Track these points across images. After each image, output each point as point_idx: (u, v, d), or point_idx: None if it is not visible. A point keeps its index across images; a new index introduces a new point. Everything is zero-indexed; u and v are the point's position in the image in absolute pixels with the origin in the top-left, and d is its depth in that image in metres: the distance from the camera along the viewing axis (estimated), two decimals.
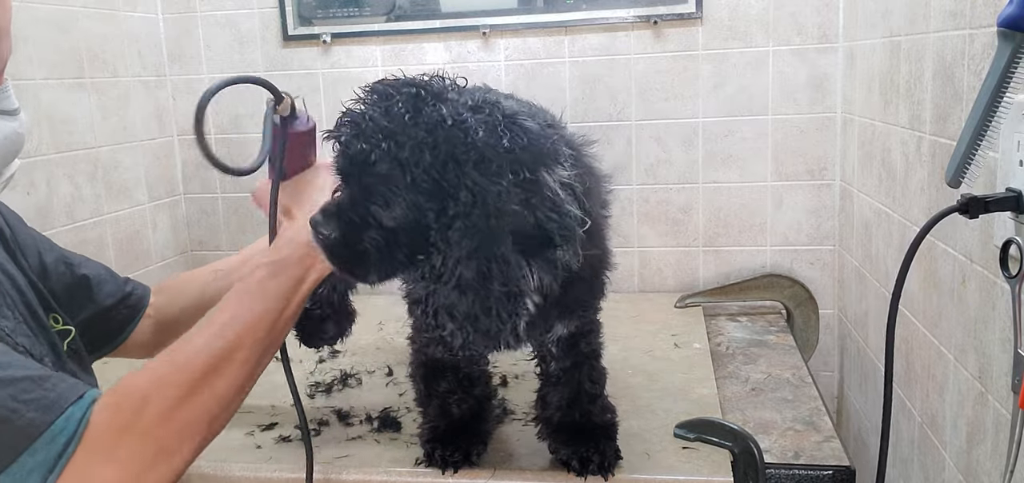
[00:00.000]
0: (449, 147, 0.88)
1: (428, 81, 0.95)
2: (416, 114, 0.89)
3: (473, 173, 0.88)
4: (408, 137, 0.88)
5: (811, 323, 2.03)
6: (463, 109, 0.91)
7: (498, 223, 0.88)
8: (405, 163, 0.88)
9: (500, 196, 0.88)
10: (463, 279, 0.89)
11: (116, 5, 1.98)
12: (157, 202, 2.14)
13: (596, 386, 1.20)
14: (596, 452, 1.15)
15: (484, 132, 0.89)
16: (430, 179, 0.89)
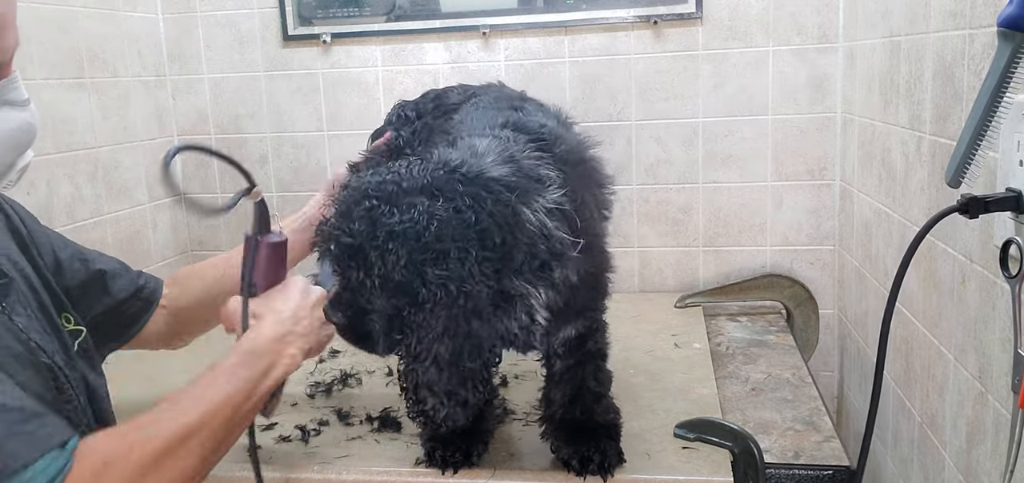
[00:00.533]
0: (405, 252, 0.94)
1: (384, 183, 0.98)
2: (372, 227, 0.94)
3: (430, 270, 0.93)
4: (367, 250, 0.95)
5: (811, 323, 2.03)
6: (419, 198, 0.95)
7: (465, 304, 0.93)
8: (369, 273, 0.96)
9: (463, 280, 0.93)
10: (439, 356, 0.95)
11: (116, 5, 1.98)
12: (157, 202, 2.14)
13: (601, 386, 1.20)
14: (597, 451, 1.15)
15: (439, 222, 0.93)
16: (393, 281, 0.95)
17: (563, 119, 1.27)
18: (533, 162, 1.03)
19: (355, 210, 0.96)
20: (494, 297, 0.95)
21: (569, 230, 1.00)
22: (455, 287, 0.92)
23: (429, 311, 0.93)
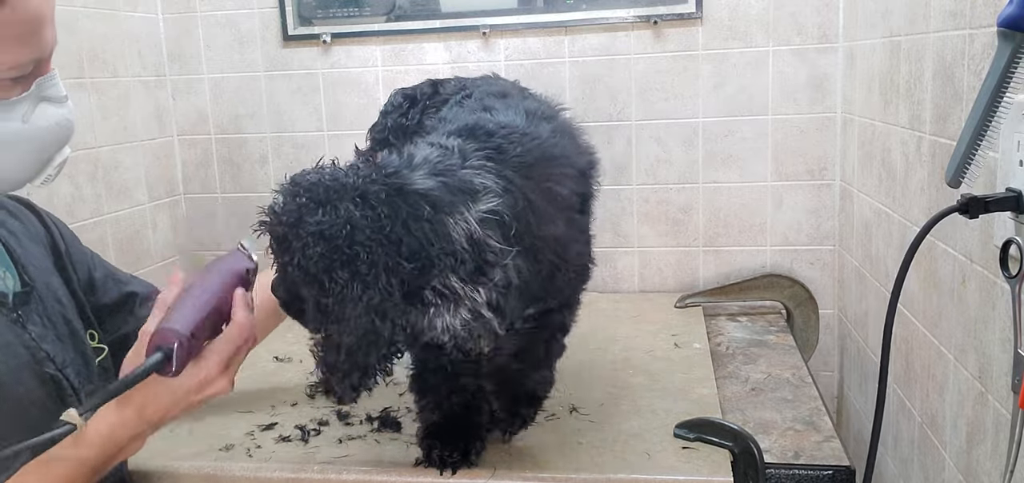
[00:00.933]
0: (318, 251, 1.01)
1: (317, 184, 1.04)
2: (298, 222, 1.02)
3: (338, 271, 1.01)
4: (291, 241, 1.03)
5: (811, 323, 2.03)
6: (344, 203, 1.02)
7: (367, 303, 1.01)
8: (291, 262, 1.03)
9: (367, 283, 1.01)
10: (342, 344, 1.04)
11: (116, 5, 1.98)
12: (157, 202, 2.14)
13: (547, 356, 1.30)
14: (513, 414, 1.27)
15: (353, 227, 1.00)
16: (309, 273, 1.02)
17: (542, 112, 1.28)
18: (471, 172, 1.08)
19: (289, 203, 1.04)
20: (406, 298, 1.03)
21: (501, 237, 1.06)
22: (359, 288, 1.00)
23: (337, 304, 1.01)
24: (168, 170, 2.21)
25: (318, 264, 1.00)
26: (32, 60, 0.98)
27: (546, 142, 1.20)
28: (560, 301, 1.26)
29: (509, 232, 1.07)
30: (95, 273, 1.25)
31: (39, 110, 1.01)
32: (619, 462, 1.20)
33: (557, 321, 1.28)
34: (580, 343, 1.69)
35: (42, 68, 1.01)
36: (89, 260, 1.25)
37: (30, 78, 1.00)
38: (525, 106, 1.28)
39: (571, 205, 1.22)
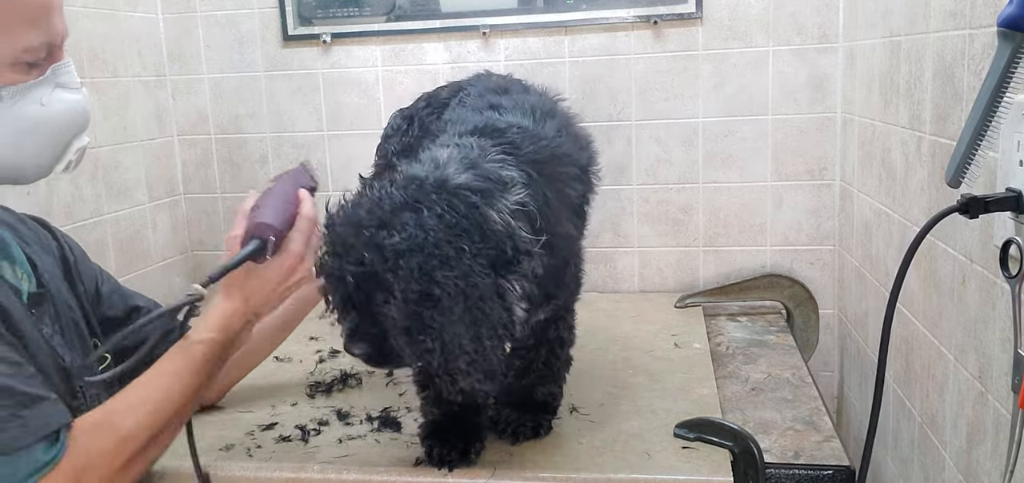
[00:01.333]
0: (416, 263, 1.00)
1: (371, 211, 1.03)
2: (379, 251, 1.00)
3: (439, 273, 0.99)
4: (382, 274, 1.00)
5: (811, 323, 2.03)
6: (406, 214, 1.01)
7: (473, 294, 1.00)
8: (389, 293, 1.01)
9: (466, 274, 1.00)
10: (463, 344, 1.02)
11: (116, 5, 1.98)
12: (157, 202, 2.14)
13: (549, 369, 1.30)
14: (531, 421, 1.27)
15: (431, 229, 1.00)
16: (412, 293, 1.00)
17: (545, 108, 1.30)
18: (496, 165, 1.10)
19: (356, 242, 1.01)
20: (494, 286, 1.03)
21: (530, 228, 1.07)
22: (463, 282, 0.99)
23: (446, 308, 0.99)
24: (168, 170, 2.21)
25: (420, 278, 0.98)
26: (43, 44, 1.02)
27: (553, 140, 1.22)
28: (564, 303, 1.27)
29: (535, 224, 1.08)
30: (102, 287, 1.29)
31: (55, 95, 1.05)
32: (619, 462, 1.20)
33: (553, 336, 1.29)
34: (580, 343, 1.68)
35: (55, 55, 1.05)
36: (97, 274, 1.30)
37: (45, 64, 1.04)
38: (529, 101, 1.29)
39: (577, 205, 1.25)
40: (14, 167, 1.06)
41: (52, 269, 1.19)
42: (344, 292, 1.04)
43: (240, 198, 2.21)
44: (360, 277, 1.01)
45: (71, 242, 1.29)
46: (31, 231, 1.22)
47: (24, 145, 1.04)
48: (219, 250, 2.28)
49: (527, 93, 1.37)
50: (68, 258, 1.24)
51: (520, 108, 1.27)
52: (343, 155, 2.15)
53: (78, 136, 1.11)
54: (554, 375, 1.32)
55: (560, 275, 1.20)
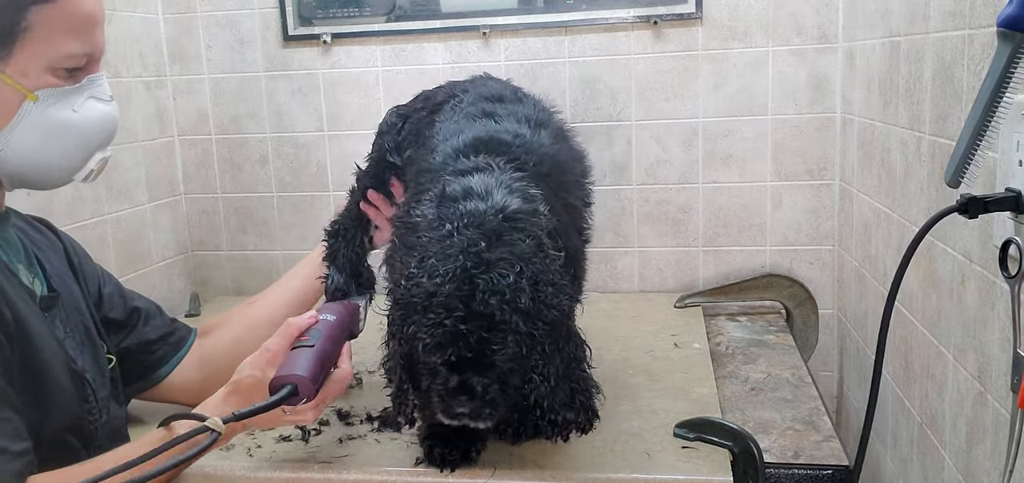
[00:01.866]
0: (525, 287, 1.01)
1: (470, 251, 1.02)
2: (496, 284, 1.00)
3: (544, 289, 1.02)
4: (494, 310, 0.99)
5: (811, 323, 2.03)
6: (485, 253, 1.01)
7: (567, 321, 1.06)
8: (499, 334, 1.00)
9: (560, 293, 1.03)
10: (557, 373, 1.07)
11: (116, 5, 1.98)
12: (157, 202, 2.14)
13: None
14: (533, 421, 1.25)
15: (523, 251, 1.02)
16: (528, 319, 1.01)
17: (538, 118, 1.30)
18: (523, 186, 1.11)
19: (465, 293, 0.99)
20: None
21: (557, 246, 1.09)
22: (568, 302, 1.05)
23: (558, 334, 1.03)
24: (168, 170, 2.21)
25: (535, 307, 1.00)
26: (84, 55, 1.07)
27: (551, 149, 1.22)
28: None
29: (557, 243, 1.10)
30: (104, 288, 1.30)
31: (87, 104, 1.09)
32: (619, 462, 1.20)
33: None
34: None
35: (92, 67, 1.10)
36: (99, 275, 1.31)
37: (82, 73, 1.08)
38: (523, 112, 1.29)
39: (579, 217, 1.25)
40: (38, 169, 1.09)
41: (61, 271, 1.20)
42: (456, 350, 1.01)
43: (241, 198, 2.23)
44: (476, 328, 0.99)
45: (75, 244, 1.30)
46: (39, 233, 1.23)
47: (51, 148, 1.07)
48: (219, 250, 2.28)
49: (521, 103, 1.36)
50: (73, 259, 1.25)
51: (516, 118, 1.27)
52: (343, 155, 2.15)
53: (103, 147, 1.14)
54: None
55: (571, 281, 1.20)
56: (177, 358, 1.38)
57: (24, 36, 1.01)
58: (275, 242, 2.26)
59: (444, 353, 1.01)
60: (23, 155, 1.06)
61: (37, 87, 1.04)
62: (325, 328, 1.19)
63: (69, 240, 1.28)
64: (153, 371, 1.36)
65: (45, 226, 1.26)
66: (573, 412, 1.08)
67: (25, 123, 1.04)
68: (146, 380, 1.35)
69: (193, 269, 2.29)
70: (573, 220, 1.22)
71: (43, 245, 1.21)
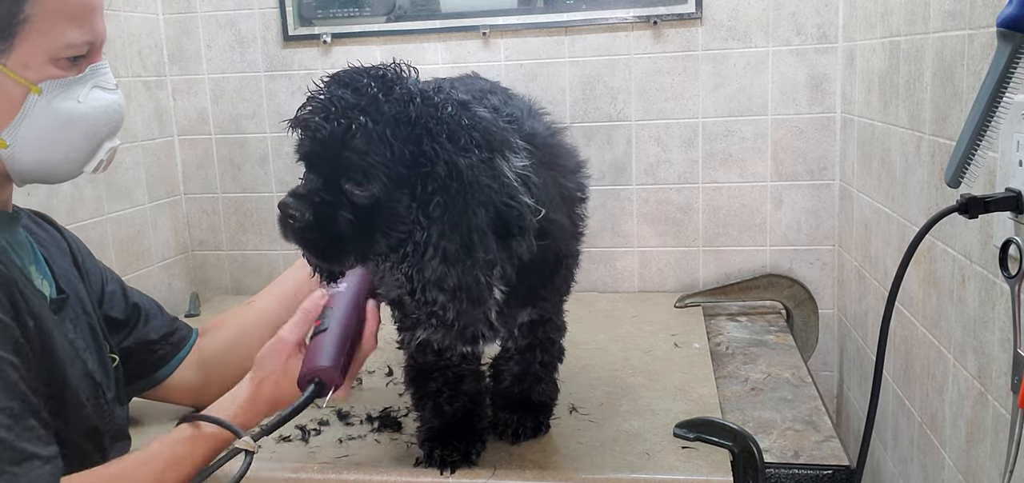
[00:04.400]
0: (423, 121, 0.94)
1: (387, 66, 1.00)
2: (387, 92, 0.95)
3: (447, 145, 0.94)
4: (382, 112, 0.93)
5: (811, 323, 2.03)
6: (424, 89, 0.97)
7: (473, 196, 0.94)
8: (382, 137, 0.93)
9: (473, 169, 0.94)
10: (448, 252, 0.95)
11: (116, 5, 1.98)
12: (157, 202, 2.14)
13: (545, 370, 1.29)
14: (531, 420, 1.26)
15: (450, 109, 0.96)
16: (407, 153, 0.94)
17: (531, 109, 1.29)
18: (505, 125, 1.07)
19: (363, 78, 0.95)
20: (497, 206, 0.96)
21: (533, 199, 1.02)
22: (467, 174, 0.94)
23: (438, 200, 0.94)
24: (168, 170, 2.21)
25: (419, 141, 0.93)
26: (85, 42, 1.06)
27: (546, 136, 1.20)
28: (544, 310, 1.24)
29: (537, 197, 1.03)
30: (107, 286, 1.29)
31: (92, 94, 1.08)
32: (619, 462, 1.20)
33: (542, 337, 1.26)
34: (580, 343, 1.69)
35: (94, 55, 1.08)
36: (102, 273, 1.30)
37: (84, 62, 1.07)
38: (517, 104, 1.28)
39: (572, 206, 1.22)
40: (47, 164, 1.08)
41: (67, 271, 1.19)
42: (322, 133, 0.94)
43: (241, 198, 2.23)
44: (357, 107, 0.93)
45: (78, 240, 1.29)
46: (45, 232, 1.22)
47: (58, 141, 1.06)
48: (219, 250, 2.28)
49: (512, 98, 1.35)
50: (77, 257, 1.24)
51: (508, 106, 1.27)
52: None
53: (111, 137, 1.13)
54: (549, 374, 1.31)
55: (551, 273, 1.16)
56: (178, 358, 1.37)
57: (24, 28, 1.00)
58: (275, 242, 2.26)
59: (311, 130, 0.96)
60: (32, 150, 1.05)
61: (40, 79, 1.03)
62: (339, 302, 1.14)
63: (72, 237, 1.27)
64: (154, 371, 1.35)
65: (48, 223, 1.25)
66: (446, 295, 0.96)
67: (31, 117, 1.03)
68: (147, 380, 1.35)
69: (193, 269, 2.29)
70: (566, 205, 1.17)
71: (48, 243, 1.19)
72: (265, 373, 1.13)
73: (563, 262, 1.18)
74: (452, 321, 0.98)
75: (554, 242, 1.11)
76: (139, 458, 1.04)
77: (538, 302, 1.19)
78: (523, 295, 1.12)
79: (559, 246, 1.14)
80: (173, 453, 1.05)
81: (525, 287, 1.09)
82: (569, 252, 1.20)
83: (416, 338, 1.15)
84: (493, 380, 1.30)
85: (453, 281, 0.95)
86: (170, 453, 1.04)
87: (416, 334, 1.15)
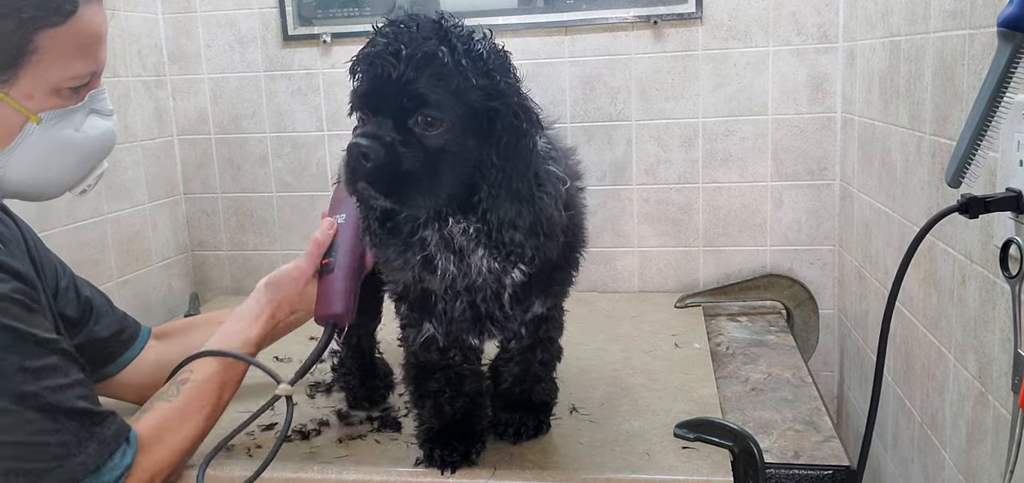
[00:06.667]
0: (492, 57, 0.97)
1: (441, 13, 1.01)
2: (455, 28, 0.96)
3: (515, 86, 0.97)
4: (454, 46, 0.94)
5: (811, 323, 2.03)
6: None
7: (535, 139, 0.97)
8: (458, 66, 0.94)
9: (534, 111, 0.98)
10: (521, 191, 0.97)
11: (116, 5, 1.98)
12: (157, 202, 2.14)
13: (544, 369, 1.29)
14: (532, 420, 1.27)
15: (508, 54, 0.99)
16: (479, 88, 0.95)
17: None
18: None
19: (420, 24, 0.96)
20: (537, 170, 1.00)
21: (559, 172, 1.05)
22: (532, 116, 0.97)
23: (507, 140, 0.96)
24: (168, 170, 2.21)
25: (489, 77, 0.96)
26: (89, 73, 1.07)
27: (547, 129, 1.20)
28: (554, 305, 1.25)
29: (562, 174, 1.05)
30: (61, 282, 1.27)
31: (89, 121, 1.10)
32: (619, 462, 1.20)
33: (544, 336, 1.27)
34: (580, 343, 1.69)
35: (95, 83, 1.10)
36: (57, 266, 1.28)
37: (84, 90, 1.08)
38: None
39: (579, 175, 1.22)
40: (37, 185, 1.09)
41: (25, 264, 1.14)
42: (387, 73, 0.93)
43: (241, 198, 2.23)
44: (423, 52, 0.93)
45: (31, 231, 1.25)
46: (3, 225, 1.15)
47: (51, 166, 1.08)
48: (219, 250, 2.28)
49: None
50: (32, 250, 1.20)
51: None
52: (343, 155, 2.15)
53: (102, 161, 1.15)
54: (549, 373, 1.31)
55: (560, 263, 1.17)
56: (128, 356, 1.36)
57: (31, 59, 1.00)
58: (275, 242, 2.26)
59: (370, 61, 0.96)
60: (23, 173, 1.06)
61: (41, 109, 1.03)
62: (344, 235, 1.27)
63: (26, 227, 1.23)
64: (102, 367, 1.33)
65: (3, 211, 1.19)
66: (521, 232, 0.98)
67: (27, 143, 1.04)
68: (94, 376, 1.31)
69: (193, 269, 2.29)
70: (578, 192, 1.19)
71: (5, 236, 1.14)
72: (281, 296, 1.25)
73: (581, 242, 1.20)
74: (532, 257, 1.00)
75: (576, 217, 1.14)
76: (188, 393, 1.15)
77: (554, 288, 1.20)
78: (544, 279, 1.13)
79: (579, 223, 1.17)
80: (220, 377, 1.19)
81: (550, 267, 1.11)
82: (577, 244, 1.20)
83: (422, 334, 1.15)
84: (493, 381, 1.30)
85: (528, 218, 0.98)
86: (217, 377, 1.18)
87: (422, 329, 1.15)
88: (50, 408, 0.97)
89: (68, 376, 1.00)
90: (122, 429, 1.04)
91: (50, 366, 0.99)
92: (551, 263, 1.11)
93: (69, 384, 1.00)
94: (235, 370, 1.20)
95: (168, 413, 1.12)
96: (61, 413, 0.98)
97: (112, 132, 1.14)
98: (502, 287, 1.09)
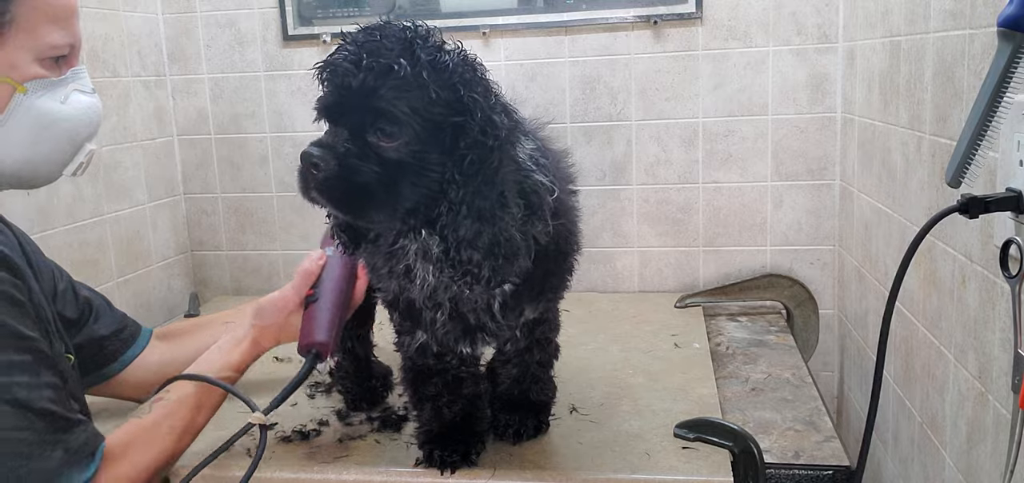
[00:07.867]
0: (459, 70, 0.94)
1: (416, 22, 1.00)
2: (423, 39, 0.95)
3: (482, 99, 0.94)
4: (417, 57, 0.93)
5: (811, 323, 2.03)
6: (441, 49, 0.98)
7: (504, 154, 0.95)
8: (418, 80, 0.92)
9: (502, 128, 0.95)
10: (483, 210, 0.94)
11: (116, 5, 1.98)
12: (157, 202, 2.14)
13: (541, 369, 1.29)
14: (532, 420, 1.27)
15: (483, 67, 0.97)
16: (441, 99, 0.93)
17: None
18: None
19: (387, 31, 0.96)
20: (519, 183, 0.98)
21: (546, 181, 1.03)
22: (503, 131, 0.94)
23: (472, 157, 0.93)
24: (168, 170, 2.21)
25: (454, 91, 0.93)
26: (67, 44, 1.09)
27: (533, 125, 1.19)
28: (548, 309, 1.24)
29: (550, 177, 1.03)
30: (58, 283, 1.29)
31: (74, 97, 1.12)
32: (619, 462, 1.20)
33: (541, 337, 1.27)
34: (580, 343, 1.69)
35: (73, 59, 1.12)
36: (53, 270, 1.30)
37: (64, 65, 1.10)
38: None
39: (573, 178, 1.21)
40: (29, 165, 1.10)
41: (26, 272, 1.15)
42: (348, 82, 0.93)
43: (241, 198, 2.23)
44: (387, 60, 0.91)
45: (26, 237, 1.27)
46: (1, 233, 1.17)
47: (43, 140, 1.09)
48: (219, 250, 2.28)
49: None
50: (28, 255, 1.22)
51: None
52: None
53: (90, 138, 1.16)
54: (546, 372, 1.31)
55: (563, 257, 1.16)
56: (129, 355, 1.37)
57: (10, 28, 1.03)
58: (275, 242, 2.26)
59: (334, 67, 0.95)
60: (17, 149, 1.07)
61: (26, 79, 1.06)
62: (332, 264, 1.28)
63: (22, 234, 1.25)
64: (103, 366, 1.35)
65: None
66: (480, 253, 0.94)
67: (16, 115, 1.06)
68: (95, 375, 1.34)
69: (193, 269, 2.29)
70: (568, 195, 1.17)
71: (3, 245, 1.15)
72: (266, 323, 1.26)
73: (573, 247, 1.17)
74: (487, 278, 0.97)
75: (567, 223, 1.12)
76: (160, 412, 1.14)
77: (546, 294, 1.18)
78: (535, 286, 1.11)
79: (570, 229, 1.14)
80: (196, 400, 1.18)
81: (541, 274, 1.09)
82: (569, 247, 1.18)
83: (415, 341, 1.15)
84: (491, 384, 1.30)
85: (487, 238, 0.94)
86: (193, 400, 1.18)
87: (415, 337, 1.15)
88: (19, 404, 0.97)
89: (40, 377, 1.00)
90: (91, 440, 1.04)
91: (24, 363, 0.99)
92: (541, 269, 1.09)
93: (41, 384, 1.00)
94: (212, 394, 1.19)
95: (137, 430, 1.11)
96: (31, 411, 0.98)
97: (96, 107, 1.16)
98: (492, 297, 1.08)
